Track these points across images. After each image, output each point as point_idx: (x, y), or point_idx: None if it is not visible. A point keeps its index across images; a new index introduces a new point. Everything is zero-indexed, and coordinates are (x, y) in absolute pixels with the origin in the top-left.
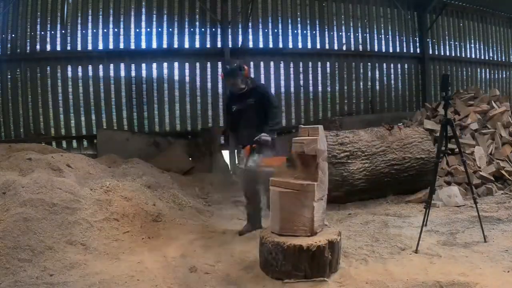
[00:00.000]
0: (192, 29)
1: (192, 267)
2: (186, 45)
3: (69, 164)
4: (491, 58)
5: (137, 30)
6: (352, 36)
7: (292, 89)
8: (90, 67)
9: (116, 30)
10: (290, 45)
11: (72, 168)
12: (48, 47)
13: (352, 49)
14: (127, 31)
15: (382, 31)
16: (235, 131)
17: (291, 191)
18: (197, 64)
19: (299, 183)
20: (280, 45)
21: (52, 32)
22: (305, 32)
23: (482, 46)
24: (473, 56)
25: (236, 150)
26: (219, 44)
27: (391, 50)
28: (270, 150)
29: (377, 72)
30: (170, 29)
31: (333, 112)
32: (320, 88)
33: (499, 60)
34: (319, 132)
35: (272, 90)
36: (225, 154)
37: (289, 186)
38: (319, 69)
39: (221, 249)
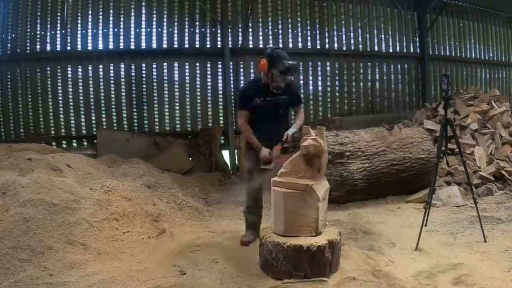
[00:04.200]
0: (192, 29)
1: (192, 267)
2: (186, 45)
3: (69, 164)
4: (491, 58)
5: (137, 30)
6: (352, 36)
7: None
8: (90, 67)
9: (116, 30)
10: (290, 45)
11: (72, 168)
12: (48, 47)
13: (352, 49)
14: (127, 31)
15: (382, 31)
16: (255, 125)
17: (295, 192)
18: (197, 64)
19: (304, 184)
20: (280, 45)
21: (52, 32)
22: (305, 32)
23: (482, 46)
24: (473, 56)
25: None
26: (219, 44)
27: (391, 50)
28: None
29: (377, 72)
30: (170, 29)
31: (333, 112)
32: (320, 88)
33: (499, 60)
34: (323, 133)
35: None
36: (225, 154)
37: (293, 186)
38: (319, 69)
39: (221, 249)
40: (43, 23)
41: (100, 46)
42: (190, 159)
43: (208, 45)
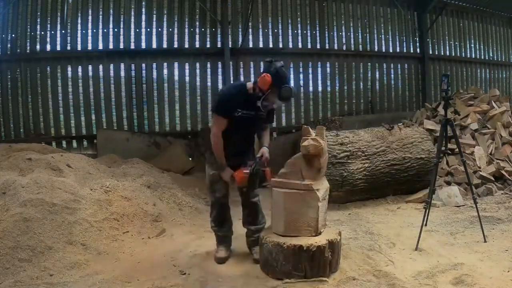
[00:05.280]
0: (192, 29)
1: (192, 267)
2: (186, 45)
3: (69, 164)
4: (491, 58)
5: (137, 30)
6: (352, 36)
7: None
8: (90, 67)
9: (116, 30)
10: (290, 45)
11: (72, 168)
12: (48, 47)
13: (352, 49)
14: (127, 31)
15: (382, 31)
16: (226, 139)
17: (295, 192)
18: (197, 64)
19: (304, 184)
20: (280, 45)
21: (52, 32)
22: (305, 32)
23: (482, 46)
24: (473, 56)
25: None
26: (219, 44)
27: (391, 50)
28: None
29: (377, 72)
30: (170, 29)
31: (333, 112)
32: (320, 88)
33: (499, 60)
34: (323, 133)
35: None
36: None
37: (293, 186)
38: (319, 69)
39: None
40: (43, 23)
41: (100, 46)
42: (190, 159)
43: (208, 45)
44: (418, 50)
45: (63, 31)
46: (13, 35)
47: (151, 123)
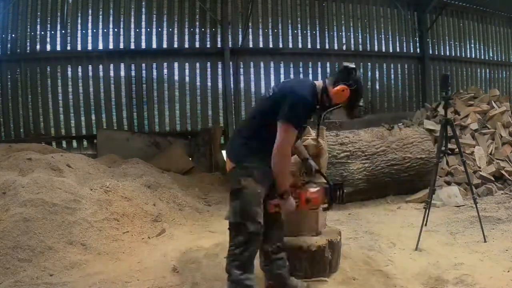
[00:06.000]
0: (192, 29)
1: (191, 267)
2: (186, 45)
3: (69, 164)
4: (491, 58)
5: (137, 30)
6: (352, 36)
7: None
8: (90, 67)
9: (116, 30)
10: (290, 45)
11: (72, 168)
12: (48, 47)
13: (352, 49)
14: (127, 31)
15: (382, 31)
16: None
17: None
18: (197, 64)
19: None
20: (280, 45)
21: (52, 32)
22: (305, 32)
23: (482, 46)
24: (473, 56)
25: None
26: (219, 44)
27: (391, 50)
28: None
29: (377, 72)
30: (170, 29)
31: None
32: None
33: (499, 60)
34: (323, 133)
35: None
36: (225, 154)
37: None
38: (319, 69)
39: (222, 249)
40: (43, 23)
41: (100, 46)
42: (190, 159)
43: (208, 45)
44: (418, 50)
45: (63, 31)
46: (13, 35)
47: (151, 123)
